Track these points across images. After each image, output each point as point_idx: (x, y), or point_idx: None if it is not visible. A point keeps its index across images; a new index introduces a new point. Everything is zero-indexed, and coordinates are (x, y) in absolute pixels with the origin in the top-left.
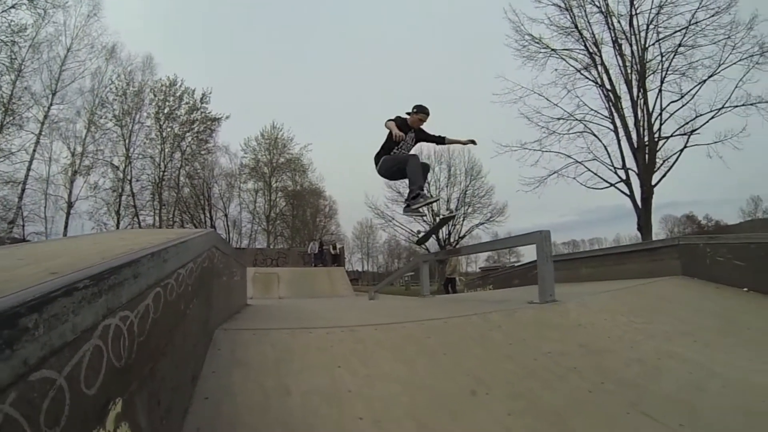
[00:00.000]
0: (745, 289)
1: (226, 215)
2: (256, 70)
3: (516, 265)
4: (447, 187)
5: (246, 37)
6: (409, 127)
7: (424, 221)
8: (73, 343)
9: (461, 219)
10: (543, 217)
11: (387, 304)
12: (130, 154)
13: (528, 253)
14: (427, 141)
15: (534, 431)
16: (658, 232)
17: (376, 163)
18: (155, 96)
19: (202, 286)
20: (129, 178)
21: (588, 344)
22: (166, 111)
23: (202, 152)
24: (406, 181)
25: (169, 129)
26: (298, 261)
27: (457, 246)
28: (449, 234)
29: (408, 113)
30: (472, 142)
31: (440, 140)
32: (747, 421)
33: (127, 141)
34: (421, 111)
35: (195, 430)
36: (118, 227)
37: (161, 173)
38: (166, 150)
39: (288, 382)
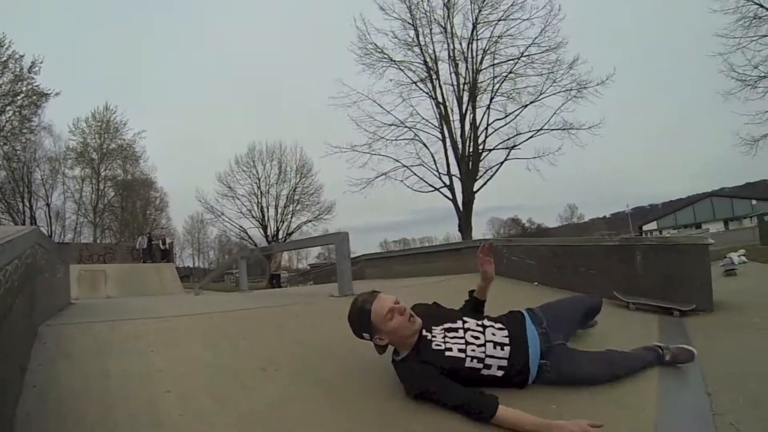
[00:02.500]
0: (535, 283)
1: (48, 205)
2: (97, 45)
3: (335, 262)
4: (277, 184)
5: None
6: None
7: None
8: None
9: (290, 216)
10: (376, 216)
11: (207, 299)
12: None
13: (359, 250)
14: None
15: (309, 395)
16: (485, 233)
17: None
18: None
19: (26, 282)
20: None
21: None
22: None
23: (24, 131)
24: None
25: None
26: (127, 257)
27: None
28: (277, 230)
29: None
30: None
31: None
32: None
33: None
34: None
35: (25, 415)
36: None
37: None
38: None
39: (108, 367)
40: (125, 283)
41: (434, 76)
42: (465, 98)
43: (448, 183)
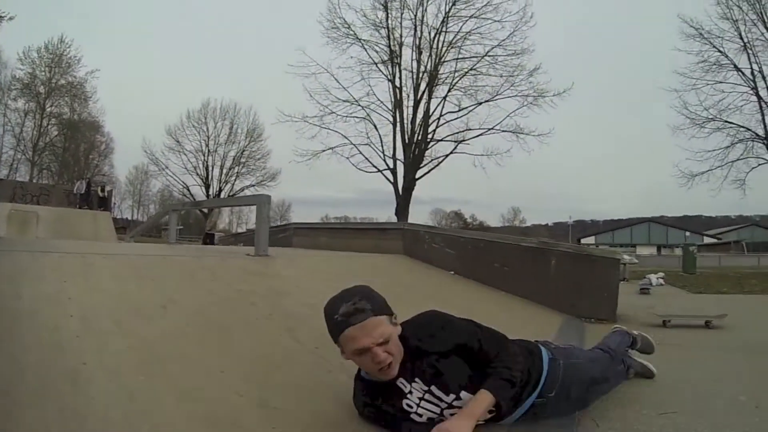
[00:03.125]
0: (452, 272)
1: None
2: None
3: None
4: (225, 144)
5: None
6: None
7: None
8: None
9: (234, 178)
10: (321, 190)
11: (131, 245)
12: None
13: (297, 218)
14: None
15: (201, 336)
16: (426, 221)
17: None
18: None
19: None
20: None
21: (276, 288)
22: None
23: None
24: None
25: None
26: (63, 200)
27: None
28: (220, 191)
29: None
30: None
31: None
32: None
33: None
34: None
35: None
36: None
37: None
38: None
39: (21, 292)
40: (58, 228)
41: (396, 60)
42: (422, 86)
43: (391, 166)
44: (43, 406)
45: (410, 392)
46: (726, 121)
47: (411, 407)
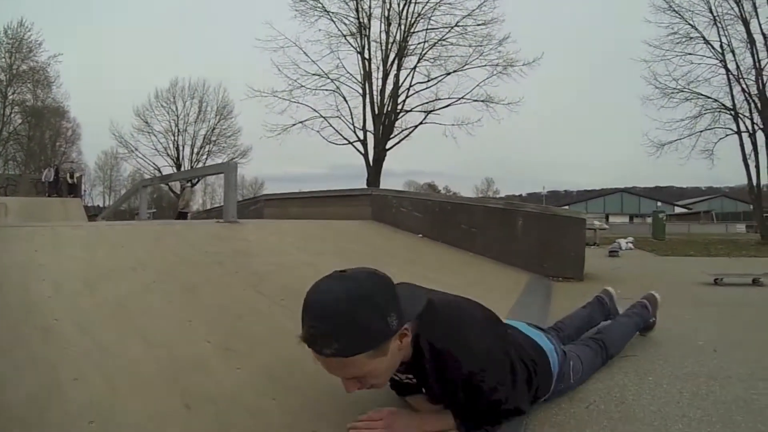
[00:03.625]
0: (420, 235)
1: None
2: None
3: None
4: (195, 123)
5: None
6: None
7: None
8: None
9: (205, 157)
10: (293, 166)
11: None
12: None
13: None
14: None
15: (169, 293)
16: None
17: None
18: None
19: None
20: None
21: (243, 251)
22: None
23: None
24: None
25: None
26: (31, 190)
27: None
28: (191, 167)
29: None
30: None
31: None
32: None
33: None
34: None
35: None
36: None
37: None
38: None
39: None
40: (27, 218)
41: (365, 32)
42: (391, 57)
43: (362, 138)
44: (17, 357)
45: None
46: (694, 92)
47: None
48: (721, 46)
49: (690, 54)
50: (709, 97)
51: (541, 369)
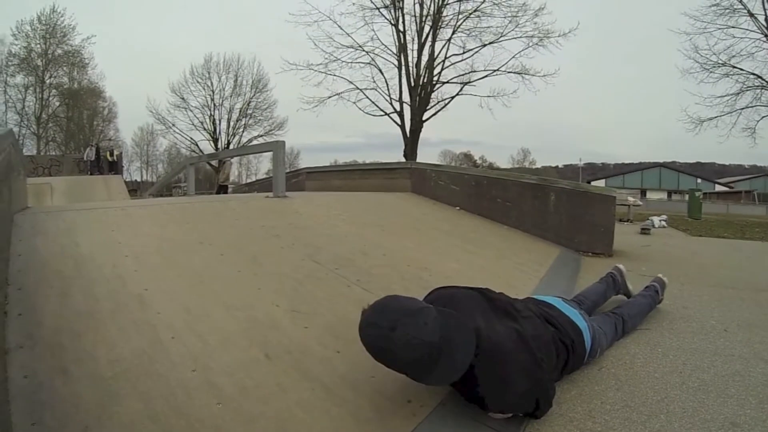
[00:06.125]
0: (458, 207)
1: None
2: None
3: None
4: (231, 97)
5: None
6: None
7: None
8: None
9: (241, 130)
10: (328, 135)
11: (158, 199)
12: None
13: (306, 165)
14: None
15: (236, 263)
16: (436, 162)
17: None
18: None
19: (8, 174)
20: None
21: (295, 223)
22: None
23: None
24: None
25: None
26: (74, 169)
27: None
28: (228, 143)
29: None
30: None
31: None
32: (374, 270)
33: None
34: None
35: (17, 272)
36: None
37: None
38: None
39: (78, 240)
40: (72, 196)
41: (399, 4)
42: (426, 29)
43: (398, 109)
44: (121, 321)
45: None
46: (735, 67)
47: None
48: (766, 19)
49: (733, 27)
50: (751, 74)
51: (578, 348)
